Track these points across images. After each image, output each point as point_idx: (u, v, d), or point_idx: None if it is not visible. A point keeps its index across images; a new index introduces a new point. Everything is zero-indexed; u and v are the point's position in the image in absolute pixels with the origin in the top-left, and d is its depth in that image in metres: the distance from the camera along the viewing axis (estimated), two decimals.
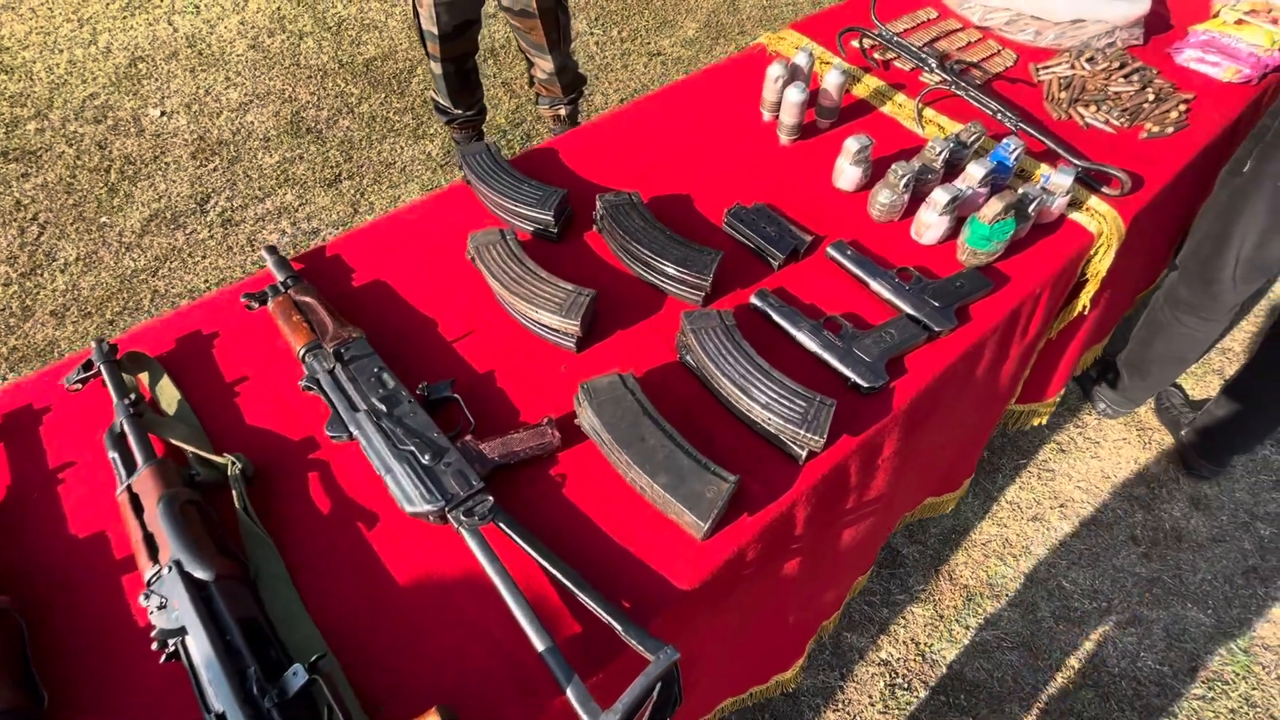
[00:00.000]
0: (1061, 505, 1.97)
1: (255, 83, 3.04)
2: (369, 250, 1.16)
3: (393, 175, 2.75)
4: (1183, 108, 1.45)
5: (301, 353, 0.95)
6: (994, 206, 1.05)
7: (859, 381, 0.96)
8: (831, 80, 1.31)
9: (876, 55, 1.56)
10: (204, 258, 2.44)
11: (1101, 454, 2.08)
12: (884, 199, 1.17)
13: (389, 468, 0.84)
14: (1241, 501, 1.99)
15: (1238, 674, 1.70)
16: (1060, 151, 1.30)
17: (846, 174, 1.23)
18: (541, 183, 1.17)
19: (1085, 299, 1.32)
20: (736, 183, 1.29)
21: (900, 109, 1.44)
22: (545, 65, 2.22)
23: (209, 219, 2.55)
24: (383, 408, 0.89)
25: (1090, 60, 1.51)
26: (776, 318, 1.04)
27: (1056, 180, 1.15)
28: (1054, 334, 1.43)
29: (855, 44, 1.57)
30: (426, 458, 0.84)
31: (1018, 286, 1.14)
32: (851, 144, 1.19)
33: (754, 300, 1.07)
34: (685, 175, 1.30)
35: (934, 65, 1.43)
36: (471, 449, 0.87)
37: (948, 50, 1.59)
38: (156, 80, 3.02)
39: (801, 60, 1.34)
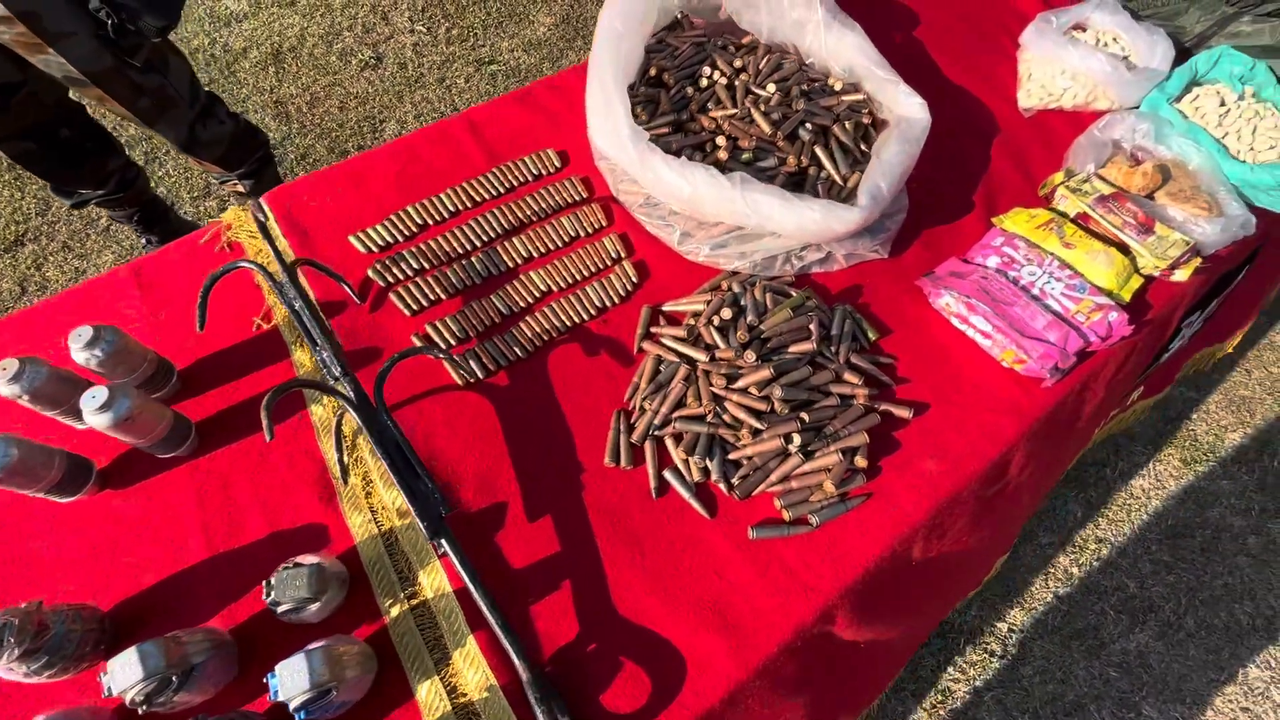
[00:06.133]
0: None
1: None
2: None
3: (89, 240, 2.19)
4: (862, 461, 0.72)
5: None
6: None
7: None
8: (97, 419, 0.66)
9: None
10: None
11: None
12: None
13: None
14: None
15: None
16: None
17: None
18: None
19: None
20: None
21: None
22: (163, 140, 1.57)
23: None
24: None
25: (726, 327, 0.77)
26: None
27: None
28: None
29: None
30: None
31: None
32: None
33: None
34: None
35: (331, 365, 0.72)
36: None
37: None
38: None
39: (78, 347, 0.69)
